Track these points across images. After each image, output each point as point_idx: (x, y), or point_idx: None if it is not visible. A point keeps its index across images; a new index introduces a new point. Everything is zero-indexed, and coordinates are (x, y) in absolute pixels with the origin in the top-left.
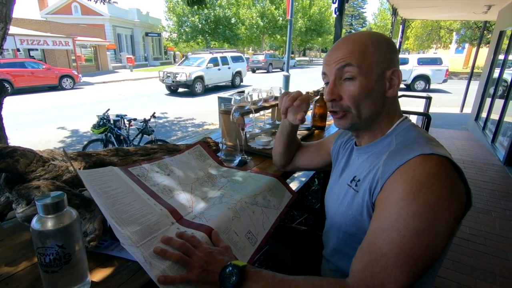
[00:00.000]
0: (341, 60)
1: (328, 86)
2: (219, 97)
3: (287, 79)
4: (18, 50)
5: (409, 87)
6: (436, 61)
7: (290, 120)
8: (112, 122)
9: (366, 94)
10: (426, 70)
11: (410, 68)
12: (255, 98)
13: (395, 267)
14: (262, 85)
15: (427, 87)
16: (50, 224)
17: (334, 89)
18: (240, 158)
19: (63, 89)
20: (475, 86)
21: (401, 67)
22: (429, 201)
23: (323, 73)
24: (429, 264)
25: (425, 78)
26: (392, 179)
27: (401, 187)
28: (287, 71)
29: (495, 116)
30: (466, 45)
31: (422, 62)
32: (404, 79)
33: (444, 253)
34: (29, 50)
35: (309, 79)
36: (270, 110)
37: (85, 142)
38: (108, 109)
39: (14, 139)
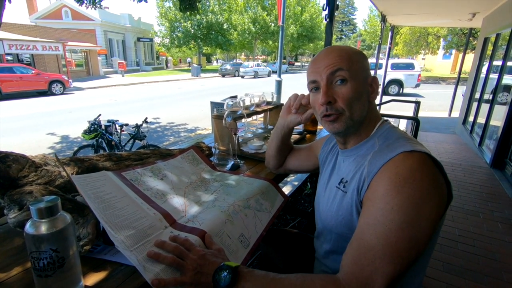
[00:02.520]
0: (332, 65)
1: (321, 90)
2: (211, 102)
3: (279, 84)
4: (7, 55)
5: (383, 91)
6: (409, 66)
7: (294, 119)
8: (103, 127)
9: (357, 96)
10: (399, 75)
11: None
12: (247, 103)
13: (382, 259)
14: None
15: (400, 91)
16: (44, 228)
17: (329, 92)
18: (233, 162)
19: (52, 94)
20: (461, 91)
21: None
22: (412, 195)
23: (312, 82)
24: (414, 256)
25: (398, 83)
26: (377, 176)
27: (386, 183)
28: (279, 76)
29: (481, 120)
30: (453, 51)
31: (395, 67)
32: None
33: (430, 248)
34: (17, 55)
35: (301, 84)
36: (262, 115)
37: (76, 148)
38: (99, 115)
39: (2, 146)
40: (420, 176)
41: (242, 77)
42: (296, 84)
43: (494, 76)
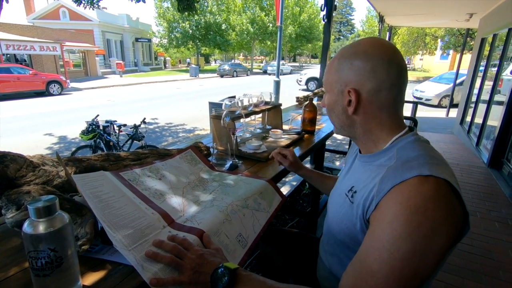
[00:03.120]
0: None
1: None
2: (210, 103)
3: (277, 84)
4: (4, 55)
5: None
6: None
7: (284, 165)
8: (101, 128)
9: (330, 108)
10: None
11: None
12: (245, 103)
13: (384, 287)
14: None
15: None
16: (42, 227)
17: (324, 99)
18: (231, 162)
19: (50, 94)
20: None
21: None
22: (423, 225)
23: None
24: (418, 285)
25: None
26: (387, 198)
27: (396, 208)
28: (277, 76)
29: (478, 120)
30: (451, 52)
31: None
32: None
33: (436, 272)
34: (14, 55)
35: (288, 85)
36: (260, 115)
37: (73, 149)
38: (97, 115)
39: (0, 146)
40: (434, 206)
41: (269, 74)
42: (294, 84)
43: (490, 76)
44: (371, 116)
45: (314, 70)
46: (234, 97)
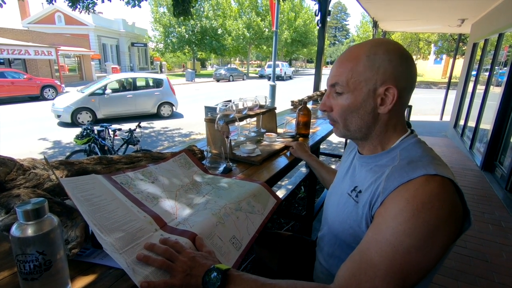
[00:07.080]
0: (332, 77)
1: (323, 97)
2: (205, 107)
3: (273, 88)
4: None
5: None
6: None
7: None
8: (96, 132)
9: (352, 109)
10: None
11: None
12: (240, 106)
13: (383, 279)
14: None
15: None
16: (30, 230)
17: (327, 101)
18: (225, 165)
19: (45, 99)
20: (451, 95)
21: None
22: (428, 221)
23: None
24: (417, 280)
25: None
26: (393, 195)
27: (402, 204)
28: (273, 81)
29: (471, 123)
30: (444, 56)
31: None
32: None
33: (435, 269)
34: (9, 60)
35: (295, 88)
36: (255, 119)
37: (68, 153)
38: (92, 119)
39: None
40: (439, 204)
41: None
42: (291, 89)
43: (483, 80)
44: (394, 116)
45: None
46: (230, 101)
